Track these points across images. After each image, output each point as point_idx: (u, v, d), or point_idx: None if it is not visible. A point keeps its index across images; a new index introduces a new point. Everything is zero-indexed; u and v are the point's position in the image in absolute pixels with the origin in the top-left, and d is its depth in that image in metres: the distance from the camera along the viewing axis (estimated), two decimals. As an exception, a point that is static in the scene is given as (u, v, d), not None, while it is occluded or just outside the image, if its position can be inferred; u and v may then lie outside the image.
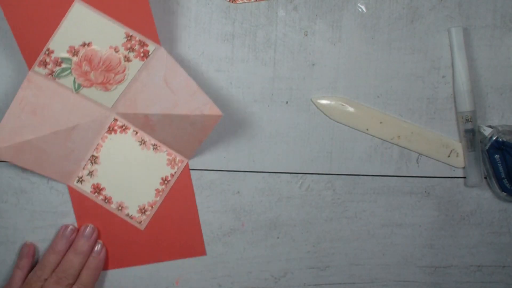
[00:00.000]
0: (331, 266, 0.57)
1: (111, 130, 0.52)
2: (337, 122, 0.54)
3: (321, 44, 0.53)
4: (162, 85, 0.49)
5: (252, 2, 0.52)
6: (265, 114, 0.54)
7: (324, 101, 0.54)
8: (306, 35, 0.53)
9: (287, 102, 0.54)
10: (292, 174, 0.55)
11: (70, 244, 0.53)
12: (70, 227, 0.54)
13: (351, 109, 0.54)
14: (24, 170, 0.54)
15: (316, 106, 0.54)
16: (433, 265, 0.58)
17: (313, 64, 0.53)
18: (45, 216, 0.55)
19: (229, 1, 0.52)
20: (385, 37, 0.53)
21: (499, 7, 0.53)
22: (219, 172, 0.55)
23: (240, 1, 0.52)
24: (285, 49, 0.53)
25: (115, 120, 0.52)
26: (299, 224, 0.56)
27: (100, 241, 0.54)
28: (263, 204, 0.55)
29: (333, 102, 0.54)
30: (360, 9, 0.53)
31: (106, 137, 0.52)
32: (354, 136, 0.55)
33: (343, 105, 0.54)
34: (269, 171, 0.55)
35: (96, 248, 0.54)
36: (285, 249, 0.56)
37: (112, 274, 0.56)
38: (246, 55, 0.53)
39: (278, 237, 0.56)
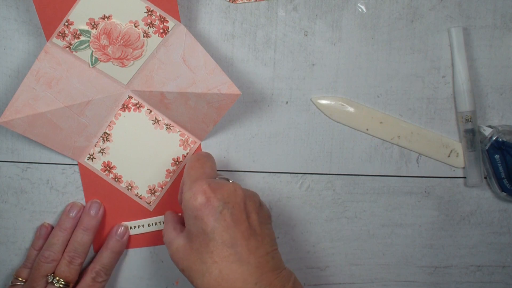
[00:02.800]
0: (331, 266, 0.57)
1: (125, 107, 0.52)
2: (337, 122, 0.55)
3: (321, 44, 0.53)
4: (180, 62, 0.49)
5: (252, 2, 0.52)
6: (265, 114, 0.54)
7: (324, 101, 0.54)
8: (306, 35, 0.53)
9: (287, 102, 0.54)
10: (292, 174, 0.55)
11: (77, 222, 0.53)
12: (77, 205, 0.53)
13: (351, 109, 0.54)
14: (24, 170, 0.54)
15: (316, 106, 0.54)
16: (433, 265, 0.58)
17: (313, 64, 0.53)
18: (45, 216, 0.55)
19: (229, 1, 0.52)
20: (385, 37, 0.53)
21: (499, 7, 0.53)
22: (219, 172, 0.55)
23: (240, 1, 0.52)
24: (285, 49, 0.53)
25: (130, 97, 0.52)
26: (299, 224, 0.56)
27: (124, 223, 0.54)
28: (263, 204, 0.55)
29: (333, 102, 0.54)
30: (360, 9, 0.53)
31: (120, 115, 0.52)
32: (354, 136, 0.55)
33: (343, 105, 0.54)
34: (269, 171, 0.55)
35: (119, 231, 0.54)
36: (285, 249, 0.56)
37: (112, 274, 0.56)
38: (246, 55, 0.53)
39: (278, 237, 0.56)
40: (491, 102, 0.55)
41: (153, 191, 0.54)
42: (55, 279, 0.51)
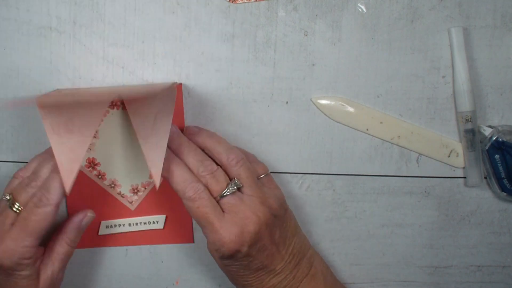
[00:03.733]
0: (331, 266, 0.57)
1: (113, 105, 0.52)
2: (337, 122, 0.55)
3: (321, 44, 0.53)
4: (151, 115, 0.48)
5: (252, 2, 0.52)
6: (265, 114, 0.54)
7: (324, 101, 0.54)
8: (306, 35, 0.53)
9: (287, 102, 0.54)
10: (292, 174, 0.55)
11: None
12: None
13: (351, 109, 0.54)
14: (24, 170, 0.54)
15: (316, 106, 0.54)
16: (433, 265, 0.58)
17: (313, 64, 0.53)
18: (45, 216, 0.54)
19: (229, 1, 0.52)
20: (385, 37, 0.53)
21: (499, 7, 0.53)
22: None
23: (240, 1, 0.52)
24: (285, 49, 0.53)
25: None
26: (299, 224, 0.56)
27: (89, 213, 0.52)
28: (263, 204, 0.55)
29: (333, 102, 0.54)
30: (360, 9, 0.53)
31: (108, 112, 0.52)
32: (354, 136, 0.55)
33: (343, 105, 0.54)
34: (269, 171, 0.55)
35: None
36: (285, 249, 0.56)
37: (112, 274, 0.56)
38: (246, 55, 0.53)
39: (278, 237, 0.56)
40: (491, 102, 0.55)
41: (136, 190, 0.54)
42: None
